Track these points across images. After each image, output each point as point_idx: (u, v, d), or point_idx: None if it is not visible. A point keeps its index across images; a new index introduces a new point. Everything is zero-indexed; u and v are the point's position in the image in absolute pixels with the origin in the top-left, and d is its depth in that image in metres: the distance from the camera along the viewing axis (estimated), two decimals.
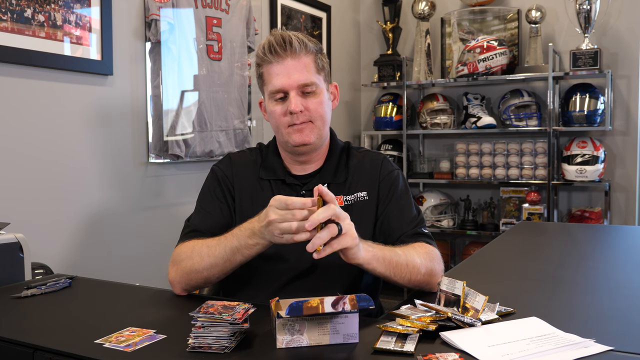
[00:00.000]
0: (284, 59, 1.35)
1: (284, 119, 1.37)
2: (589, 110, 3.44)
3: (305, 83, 1.35)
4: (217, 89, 2.76)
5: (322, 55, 1.41)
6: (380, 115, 4.02)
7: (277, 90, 1.36)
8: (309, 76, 1.36)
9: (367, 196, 1.43)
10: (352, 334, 1.01)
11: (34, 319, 1.21)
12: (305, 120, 1.36)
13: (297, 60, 1.35)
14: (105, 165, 2.32)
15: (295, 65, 1.35)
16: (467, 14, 3.96)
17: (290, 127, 1.37)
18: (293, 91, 1.35)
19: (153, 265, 2.48)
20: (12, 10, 1.93)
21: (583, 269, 1.68)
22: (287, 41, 1.34)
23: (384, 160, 1.49)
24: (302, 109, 1.35)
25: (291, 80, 1.34)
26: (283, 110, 1.36)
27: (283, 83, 1.35)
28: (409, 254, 1.28)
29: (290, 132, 1.37)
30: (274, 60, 1.35)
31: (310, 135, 1.37)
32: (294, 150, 1.41)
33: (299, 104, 1.34)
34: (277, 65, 1.35)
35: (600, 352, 0.93)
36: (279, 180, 1.44)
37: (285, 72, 1.34)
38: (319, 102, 1.38)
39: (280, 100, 1.37)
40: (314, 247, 1.06)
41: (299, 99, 1.35)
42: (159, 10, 2.47)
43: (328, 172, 1.44)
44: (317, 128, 1.38)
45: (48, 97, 2.10)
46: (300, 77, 1.35)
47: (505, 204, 3.80)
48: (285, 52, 1.34)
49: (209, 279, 1.31)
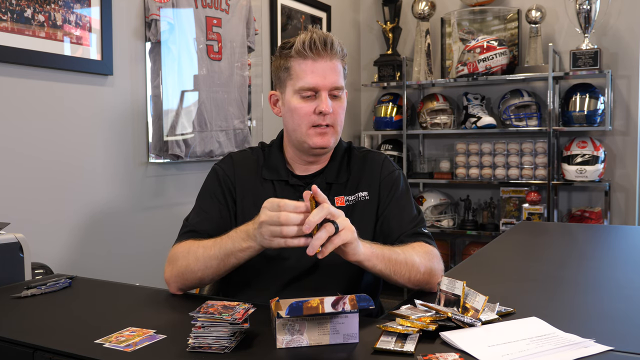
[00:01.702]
0: (322, 58, 1.35)
1: (310, 118, 1.37)
2: (589, 110, 3.44)
3: (337, 86, 1.37)
4: (217, 89, 2.76)
5: (346, 62, 1.43)
6: (380, 115, 4.02)
7: (309, 88, 1.36)
8: (340, 80, 1.38)
9: (368, 196, 1.43)
10: (352, 334, 1.01)
11: (34, 319, 1.21)
12: (330, 123, 1.38)
13: (332, 62, 1.36)
14: (105, 165, 2.32)
15: (331, 67, 1.36)
16: (467, 14, 3.96)
17: (312, 128, 1.37)
18: (325, 92, 1.36)
19: (153, 265, 2.48)
20: (12, 10, 1.93)
21: (583, 269, 1.68)
22: (328, 41, 1.35)
23: (385, 160, 1.49)
24: (332, 111, 1.36)
25: (326, 81, 1.35)
26: (310, 108, 1.36)
27: (317, 82, 1.35)
28: (408, 253, 1.29)
29: (312, 134, 1.37)
30: (310, 57, 1.35)
31: (331, 140, 1.39)
32: (310, 151, 1.41)
33: (330, 105, 1.36)
34: (312, 63, 1.35)
35: (600, 352, 0.93)
36: (282, 181, 1.44)
37: (321, 71, 1.35)
38: (342, 107, 1.40)
39: (307, 98, 1.37)
40: (314, 249, 1.06)
41: (329, 100, 1.36)
42: (159, 10, 2.47)
43: (331, 173, 1.44)
44: (336, 133, 1.40)
45: (48, 97, 2.10)
46: (335, 80, 1.36)
47: (505, 204, 3.81)
48: (326, 52, 1.35)
49: (203, 279, 1.31)
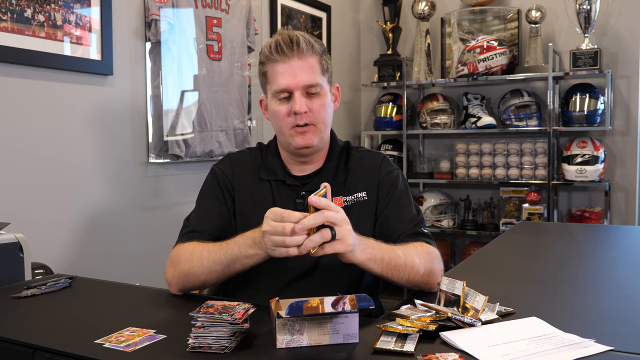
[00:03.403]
0: (290, 59, 1.34)
1: (288, 120, 1.36)
2: (589, 110, 3.44)
3: (311, 84, 1.35)
4: (217, 89, 2.76)
5: (327, 56, 1.41)
6: (380, 115, 4.02)
7: (281, 90, 1.35)
8: (315, 77, 1.35)
9: (367, 196, 1.43)
10: (352, 334, 1.01)
11: (34, 319, 1.21)
12: (308, 122, 1.36)
13: (303, 60, 1.34)
14: (105, 165, 2.32)
15: (301, 65, 1.34)
16: (467, 14, 3.96)
17: (293, 128, 1.36)
18: (298, 91, 1.34)
19: (153, 265, 2.48)
20: (12, 10, 1.93)
21: (583, 269, 1.68)
22: (294, 41, 1.34)
23: (384, 160, 1.48)
24: (307, 109, 1.34)
25: (297, 80, 1.34)
26: (287, 110, 1.36)
27: (288, 82, 1.34)
28: (408, 254, 1.28)
29: (293, 134, 1.37)
30: (280, 60, 1.34)
31: (313, 139, 1.37)
32: (296, 152, 1.40)
33: (303, 104, 1.34)
34: (282, 64, 1.34)
35: (600, 352, 0.93)
36: (279, 181, 1.44)
37: (291, 71, 1.34)
38: (323, 104, 1.37)
39: (284, 100, 1.36)
40: (305, 249, 1.07)
41: (303, 99, 1.35)
42: (159, 10, 2.47)
43: (328, 173, 1.44)
44: (319, 131, 1.38)
45: (48, 97, 2.10)
46: (306, 78, 1.34)
47: (505, 204, 3.80)
48: (292, 51, 1.34)
49: (207, 282, 1.31)
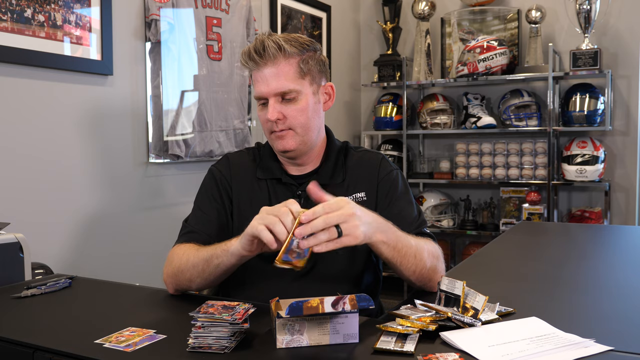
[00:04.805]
0: (262, 66, 1.33)
1: (267, 125, 1.37)
2: (589, 110, 3.44)
3: (283, 91, 1.33)
4: (217, 89, 2.76)
5: (310, 56, 1.36)
6: (380, 115, 4.02)
7: (257, 97, 1.37)
8: (287, 84, 1.33)
9: (366, 197, 1.42)
10: (352, 334, 1.00)
11: (34, 319, 1.21)
12: (284, 128, 1.36)
13: (275, 67, 1.33)
14: (105, 165, 2.32)
15: (273, 72, 1.33)
16: (467, 14, 3.96)
17: (272, 133, 1.38)
18: (272, 99, 1.34)
19: (153, 265, 2.48)
20: (12, 10, 1.93)
21: (583, 269, 1.68)
22: (265, 47, 1.32)
23: (383, 160, 1.47)
24: (280, 117, 1.34)
25: (269, 88, 1.33)
26: (264, 116, 1.37)
27: (262, 90, 1.34)
28: (419, 246, 1.27)
29: (273, 139, 1.39)
30: (254, 67, 1.35)
31: (291, 142, 1.36)
32: (280, 155, 1.43)
33: (274, 112, 1.33)
34: (257, 72, 1.35)
35: (600, 352, 0.93)
36: (275, 180, 1.44)
37: (264, 79, 1.34)
38: (299, 109, 1.34)
39: (262, 105, 1.38)
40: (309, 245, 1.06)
41: (277, 106, 1.34)
42: (159, 10, 2.47)
43: (325, 173, 1.43)
44: (298, 135, 1.36)
45: (48, 97, 2.10)
46: (278, 85, 1.33)
47: (505, 204, 3.81)
48: (262, 59, 1.32)
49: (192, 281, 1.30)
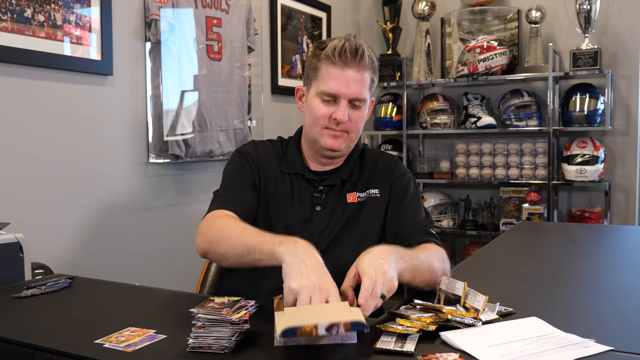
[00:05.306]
0: (349, 68, 1.37)
1: (325, 121, 1.40)
2: (589, 110, 3.44)
3: (358, 98, 1.39)
4: (217, 89, 2.76)
5: (375, 71, 1.44)
6: (380, 115, 4.02)
7: (330, 94, 1.39)
8: (363, 92, 1.40)
9: (379, 194, 1.49)
10: (351, 335, 1.00)
11: (34, 319, 1.21)
12: (343, 130, 1.41)
13: (360, 73, 1.38)
14: (105, 165, 2.32)
15: (357, 77, 1.38)
16: (467, 14, 3.96)
17: (325, 129, 1.41)
18: (345, 101, 1.38)
19: (153, 265, 2.48)
20: (12, 10, 1.93)
21: (583, 269, 1.68)
22: (359, 52, 1.36)
23: (397, 162, 1.55)
24: (347, 119, 1.39)
25: (348, 91, 1.37)
26: (327, 112, 1.40)
27: (339, 90, 1.37)
28: (429, 258, 1.29)
29: (325, 135, 1.42)
30: (339, 64, 1.37)
31: (342, 144, 1.43)
32: (322, 151, 1.45)
33: (346, 114, 1.38)
34: (339, 70, 1.37)
35: (600, 352, 0.93)
36: (298, 175, 1.49)
37: (345, 80, 1.37)
38: (361, 116, 1.43)
39: (327, 102, 1.40)
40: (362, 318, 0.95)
41: (347, 109, 1.39)
42: (159, 10, 2.47)
43: (345, 172, 1.50)
44: (350, 139, 1.44)
45: (48, 97, 2.10)
46: (357, 91, 1.38)
47: (505, 204, 3.80)
48: (354, 61, 1.37)
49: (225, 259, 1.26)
